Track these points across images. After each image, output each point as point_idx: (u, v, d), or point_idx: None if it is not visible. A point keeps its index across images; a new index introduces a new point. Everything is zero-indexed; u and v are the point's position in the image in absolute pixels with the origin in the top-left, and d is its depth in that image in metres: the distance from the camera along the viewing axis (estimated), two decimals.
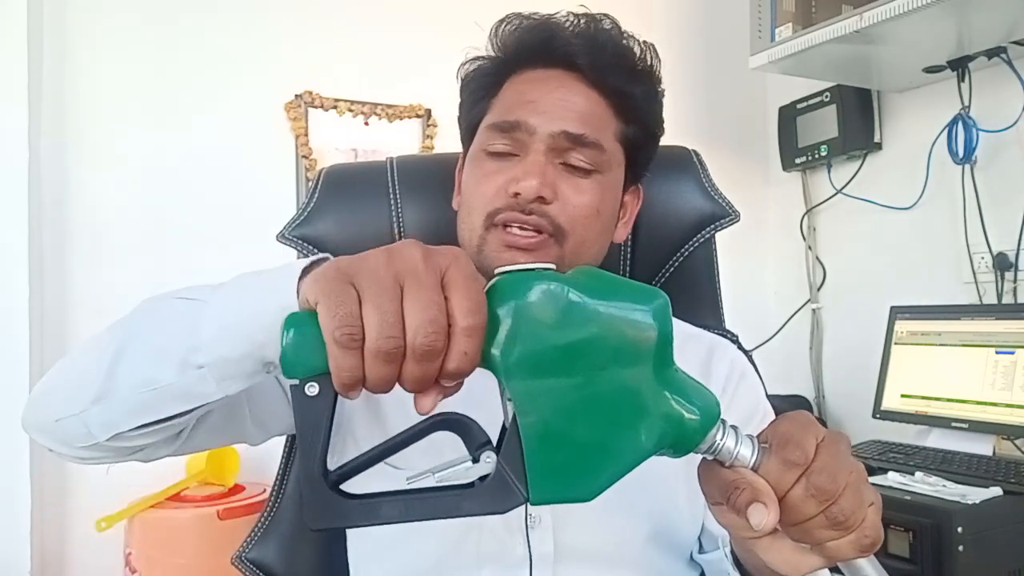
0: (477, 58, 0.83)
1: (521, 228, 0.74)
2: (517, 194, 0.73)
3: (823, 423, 2.10)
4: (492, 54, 0.82)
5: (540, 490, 0.43)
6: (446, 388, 0.43)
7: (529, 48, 0.79)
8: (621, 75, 0.79)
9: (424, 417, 0.44)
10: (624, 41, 0.79)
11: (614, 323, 0.43)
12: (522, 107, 0.76)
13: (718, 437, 0.45)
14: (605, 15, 0.80)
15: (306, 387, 0.42)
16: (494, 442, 0.44)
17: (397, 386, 0.43)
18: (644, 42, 0.81)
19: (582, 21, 0.79)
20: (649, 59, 0.81)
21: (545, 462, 0.43)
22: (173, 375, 0.53)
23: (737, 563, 0.64)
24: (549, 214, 0.74)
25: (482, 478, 0.44)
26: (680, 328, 0.86)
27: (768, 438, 0.47)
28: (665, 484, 0.76)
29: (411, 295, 0.40)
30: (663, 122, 0.84)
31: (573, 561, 0.72)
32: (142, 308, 0.60)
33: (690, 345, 0.85)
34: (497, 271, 0.44)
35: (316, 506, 0.43)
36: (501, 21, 0.82)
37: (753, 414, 0.82)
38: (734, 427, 0.46)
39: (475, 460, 0.43)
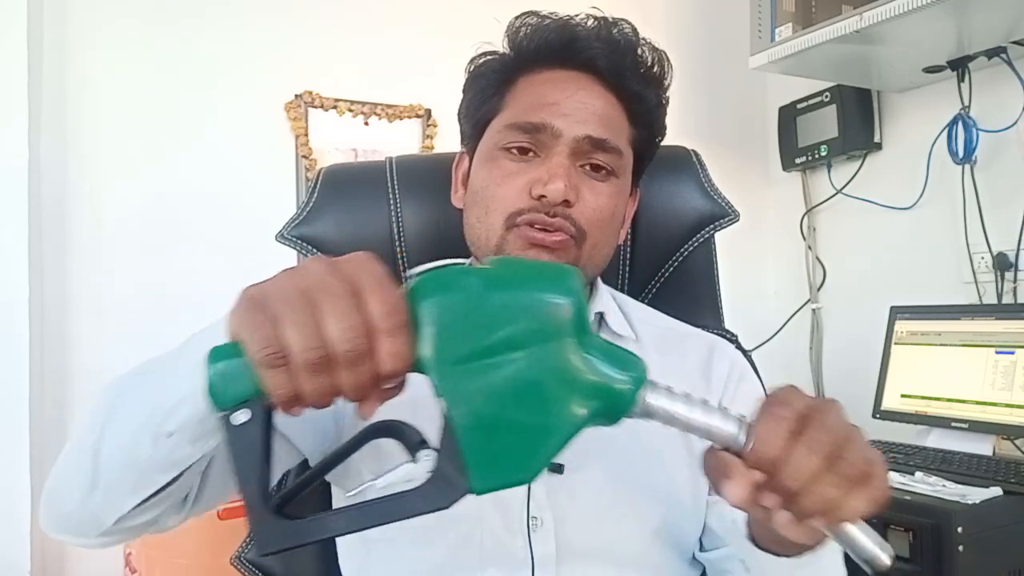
0: (489, 53, 0.83)
1: (544, 228, 0.74)
2: (542, 196, 0.73)
3: None
4: (505, 51, 0.82)
5: (481, 479, 0.43)
6: (386, 391, 0.44)
7: (549, 48, 0.79)
8: (638, 80, 0.80)
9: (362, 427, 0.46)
10: (641, 47, 0.80)
11: (527, 304, 0.44)
12: (544, 108, 0.76)
13: (650, 399, 0.45)
14: (623, 20, 0.81)
15: (236, 415, 0.43)
16: (435, 439, 0.45)
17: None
18: (657, 49, 0.82)
19: (600, 24, 0.80)
20: (663, 66, 0.82)
21: (482, 451, 0.43)
22: (149, 449, 0.54)
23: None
24: (572, 216, 0.75)
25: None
26: (679, 327, 0.88)
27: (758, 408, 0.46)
28: (669, 482, 0.77)
29: (325, 307, 0.41)
30: (666, 128, 0.86)
31: (576, 561, 0.72)
32: (110, 392, 0.61)
33: (689, 344, 0.86)
34: (412, 272, 0.45)
35: (263, 532, 0.43)
36: (518, 18, 0.82)
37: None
38: (668, 388, 0.46)
39: (415, 461, 0.44)
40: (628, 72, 0.79)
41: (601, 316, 0.83)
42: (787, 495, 0.44)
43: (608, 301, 0.85)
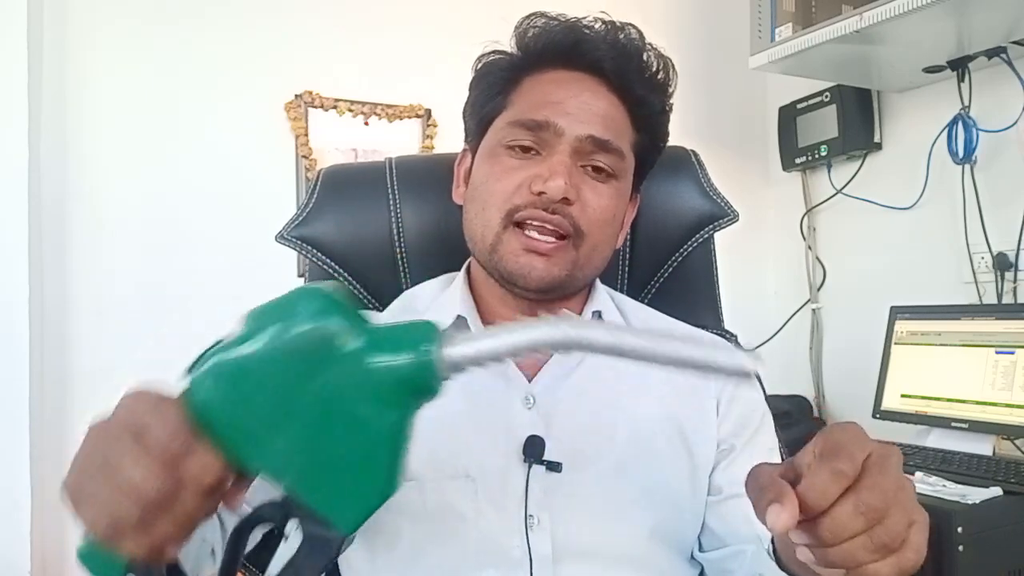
0: (497, 52, 0.83)
1: (540, 232, 0.74)
2: (541, 193, 0.74)
3: (822, 424, 2.11)
4: (512, 50, 0.82)
5: (345, 520, 0.43)
6: (240, 484, 0.44)
7: (556, 49, 0.80)
8: (643, 84, 0.80)
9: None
10: (647, 52, 0.81)
11: (285, 348, 0.43)
12: (548, 107, 0.76)
13: (454, 353, 0.43)
14: (630, 24, 0.81)
15: None
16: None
17: None
18: (663, 55, 0.82)
19: (608, 28, 0.80)
20: (668, 72, 0.82)
21: (330, 497, 0.43)
22: None
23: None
24: (571, 215, 0.75)
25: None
26: (678, 327, 0.87)
27: (817, 446, 0.45)
28: (668, 482, 0.77)
29: (119, 463, 0.41)
30: (668, 135, 0.86)
31: (573, 561, 0.72)
32: None
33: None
34: (185, 377, 0.44)
35: None
36: (526, 19, 0.82)
37: (752, 415, 0.82)
38: (465, 334, 0.45)
39: (285, 537, 0.45)
40: (633, 76, 0.79)
41: (599, 316, 0.83)
42: (818, 541, 0.44)
43: (606, 301, 0.85)
